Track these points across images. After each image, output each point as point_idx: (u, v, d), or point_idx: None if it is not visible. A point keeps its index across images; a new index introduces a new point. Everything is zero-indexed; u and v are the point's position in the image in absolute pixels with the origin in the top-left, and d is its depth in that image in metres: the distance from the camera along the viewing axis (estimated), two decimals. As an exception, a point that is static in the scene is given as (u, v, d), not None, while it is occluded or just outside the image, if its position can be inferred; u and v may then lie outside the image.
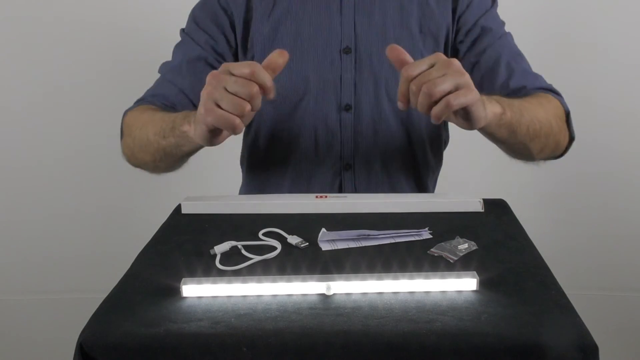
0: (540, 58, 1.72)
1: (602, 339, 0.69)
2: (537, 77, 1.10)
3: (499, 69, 1.07)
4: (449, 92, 0.75)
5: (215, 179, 1.58)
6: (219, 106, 0.76)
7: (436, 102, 0.75)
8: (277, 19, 1.09)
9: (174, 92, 1.11)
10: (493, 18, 1.12)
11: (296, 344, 0.64)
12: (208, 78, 0.78)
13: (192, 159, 1.21)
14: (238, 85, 0.75)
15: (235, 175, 1.27)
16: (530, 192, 1.83)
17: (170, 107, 1.08)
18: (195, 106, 1.11)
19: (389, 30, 1.09)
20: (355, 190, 1.15)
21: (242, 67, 0.76)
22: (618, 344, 1.82)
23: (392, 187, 1.16)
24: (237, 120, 0.76)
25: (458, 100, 0.75)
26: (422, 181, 1.19)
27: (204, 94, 0.78)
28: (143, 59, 1.76)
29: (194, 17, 1.14)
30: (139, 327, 0.67)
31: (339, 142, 1.13)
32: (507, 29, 1.14)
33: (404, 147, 1.15)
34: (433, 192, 1.22)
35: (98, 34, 1.76)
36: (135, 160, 1.07)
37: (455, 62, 0.77)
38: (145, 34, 1.75)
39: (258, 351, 0.64)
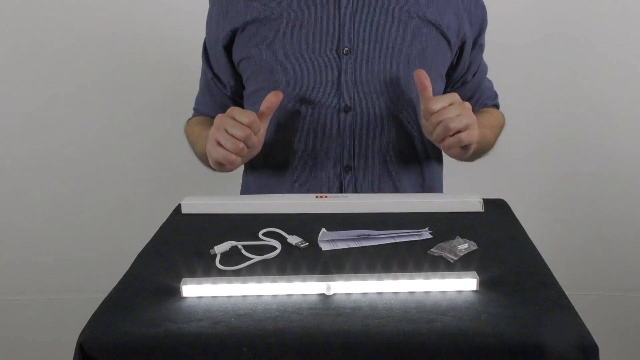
0: (540, 59, 1.73)
1: (602, 339, 0.69)
2: (495, 95, 1.30)
3: (479, 90, 1.26)
4: (461, 130, 0.94)
5: (215, 179, 1.58)
6: (220, 144, 0.95)
7: (450, 135, 0.94)
8: (276, 20, 1.09)
9: (209, 105, 1.26)
10: (484, 35, 1.21)
11: (296, 344, 0.64)
12: (215, 120, 0.97)
13: (192, 159, 1.21)
14: (236, 129, 0.94)
15: (236, 175, 1.27)
16: (530, 192, 1.83)
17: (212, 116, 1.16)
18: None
19: (388, 31, 1.09)
20: (356, 192, 1.15)
21: (242, 116, 0.94)
22: (618, 344, 1.82)
23: (394, 189, 1.16)
24: (234, 157, 0.95)
25: (468, 139, 0.95)
26: (425, 182, 1.19)
27: (210, 133, 0.97)
28: (144, 61, 1.76)
29: (206, 36, 1.21)
30: (139, 327, 0.67)
31: (338, 143, 1.12)
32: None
33: (405, 148, 1.15)
34: (440, 191, 1.23)
35: (98, 35, 1.76)
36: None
37: (467, 105, 0.96)
38: (145, 37, 1.75)
39: (258, 351, 0.64)
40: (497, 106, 1.31)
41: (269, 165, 1.18)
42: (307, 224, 0.94)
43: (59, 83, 1.79)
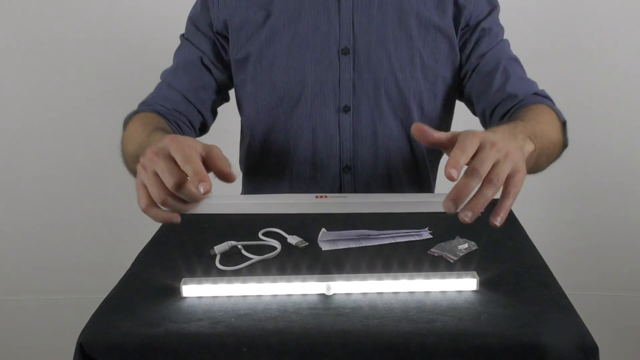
0: (541, 60, 1.73)
1: (602, 339, 0.69)
2: (531, 83, 1.10)
3: (496, 74, 1.09)
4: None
5: (215, 179, 1.58)
6: (144, 186, 0.69)
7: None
8: (275, 19, 1.09)
9: (172, 94, 1.12)
10: (494, 21, 1.13)
11: (296, 344, 0.64)
12: (146, 151, 0.68)
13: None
14: (165, 174, 0.66)
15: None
16: (530, 192, 1.83)
17: (171, 110, 1.09)
18: (195, 108, 1.13)
19: (387, 31, 1.09)
20: (355, 192, 1.15)
21: (182, 159, 0.66)
22: (618, 344, 1.82)
23: (393, 189, 1.16)
24: (156, 212, 0.69)
25: (515, 195, 0.69)
26: (424, 182, 1.19)
27: (138, 165, 0.69)
28: (144, 62, 1.76)
29: (191, 20, 1.15)
30: (139, 327, 0.67)
31: (337, 144, 1.12)
32: (506, 31, 1.15)
33: (405, 149, 1.15)
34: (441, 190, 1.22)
35: (98, 37, 1.76)
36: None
37: (500, 142, 0.67)
38: (145, 39, 1.75)
39: (258, 351, 0.64)
40: (544, 97, 1.07)
41: (268, 166, 1.17)
42: (307, 224, 0.94)
43: (59, 83, 1.79)
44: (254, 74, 1.12)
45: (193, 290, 0.73)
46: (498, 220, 0.68)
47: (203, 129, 1.17)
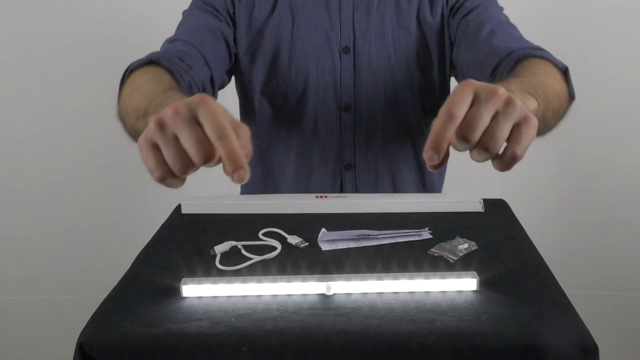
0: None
1: (602, 339, 0.69)
2: (525, 41, 1.00)
3: (482, 30, 1.01)
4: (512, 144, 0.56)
5: (215, 179, 1.58)
6: (159, 152, 0.55)
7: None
8: (279, 17, 1.09)
9: (193, 52, 1.00)
10: (487, 2, 1.06)
11: (296, 344, 0.64)
12: (165, 110, 0.54)
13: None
14: (192, 142, 0.53)
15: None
16: (530, 192, 1.83)
17: (185, 66, 0.97)
18: (212, 79, 1.00)
19: (387, 29, 1.09)
20: (357, 190, 1.15)
21: (216, 119, 0.53)
22: (618, 344, 1.82)
23: (395, 187, 1.16)
24: (173, 181, 0.57)
25: (524, 149, 0.56)
26: (426, 180, 1.19)
27: (149, 126, 0.55)
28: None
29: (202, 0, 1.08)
30: (139, 327, 0.66)
31: (339, 142, 1.13)
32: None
33: (406, 146, 1.15)
34: (441, 189, 1.22)
35: (97, 37, 1.76)
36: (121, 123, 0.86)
37: (500, 89, 0.55)
38: (145, 39, 1.75)
39: (258, 351, 0.64)
40: (539, 50, 0.94)
41: (270, 164, 1.17)
42: (307, 224, 0.94)
43: (59, 83, 1.79)
44: (260, 69, 1.11)
45: (193, 290, 0.73)
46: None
47: None
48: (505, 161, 0.56)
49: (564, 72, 0.90)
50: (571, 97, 0.89)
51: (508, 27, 1.02)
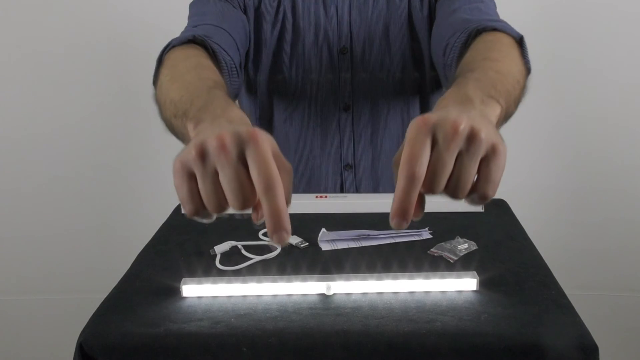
0: (541, 60, 1.73)
1: (602, 339, 0.69)
2: (490, 15, 0.92)
3: (450, 7, 0.96)
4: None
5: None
6: (195, 184, 0.49)
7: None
8: (282, 18, 1.09)
9: (225, 37, 0.94)
10: None
11: (296, 344, 0.64)
12: (212, 135, 0.48)
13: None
14: (232, 176, 0.47)
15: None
16: (530, 192, 1.83)
17: (230, 56, 0.92)
18: (240, 56, 0.97)
19: (381, 29, 1.09)
20: (357, 190, 1.15)
21: (264, 169, 0.47)
22: (618, 344, 1.82)
23: (395, 187, 1.15)
24: (207, 220, 0.52)
25: (495, 187, 0.51)
26: None
27: (192, 149, 0.49)
28: (144, 61, 1.76)
29: None
30: (139, 327, 0.66)
31: (338, 142, 1.13)
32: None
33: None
34: None
35: (97, 37, 1.76)
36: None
37: (460, 123, 0.48)
38: (144, 39, 1.75)
39: (258, 351, 0.64)
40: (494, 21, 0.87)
41: None
42: (307, 224, 0.94)
43: (59, 83, 1.79)
44: (263, 67, 1.11)
45: (193, 290, 0.73)
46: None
47: None
48: (475, 201, 0.52)
49: (519, 41, 0.83)
50: (528, 71, 0.81)
51: (477, 3, 0.95)
